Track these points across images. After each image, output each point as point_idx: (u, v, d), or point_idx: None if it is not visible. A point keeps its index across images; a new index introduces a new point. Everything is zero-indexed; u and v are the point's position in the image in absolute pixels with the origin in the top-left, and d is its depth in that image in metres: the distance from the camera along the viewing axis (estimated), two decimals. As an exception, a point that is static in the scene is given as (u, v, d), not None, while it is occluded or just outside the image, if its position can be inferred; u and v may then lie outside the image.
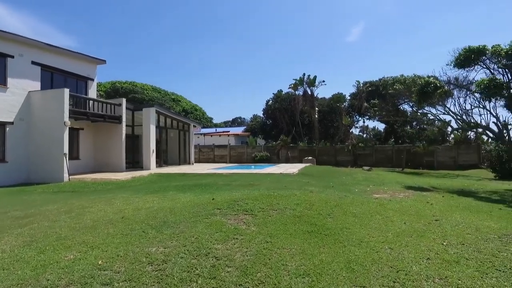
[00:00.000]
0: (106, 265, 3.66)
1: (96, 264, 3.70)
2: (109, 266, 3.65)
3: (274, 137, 34.83)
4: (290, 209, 6.24)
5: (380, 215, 6.16)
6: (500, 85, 10.88)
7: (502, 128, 19.93)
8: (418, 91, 13.46)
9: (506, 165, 16.97)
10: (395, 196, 8.97)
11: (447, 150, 25.39)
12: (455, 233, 4.99)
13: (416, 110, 26.22)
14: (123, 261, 3.77)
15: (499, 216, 6.43)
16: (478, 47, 11.83)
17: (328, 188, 9.98)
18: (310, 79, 32.68)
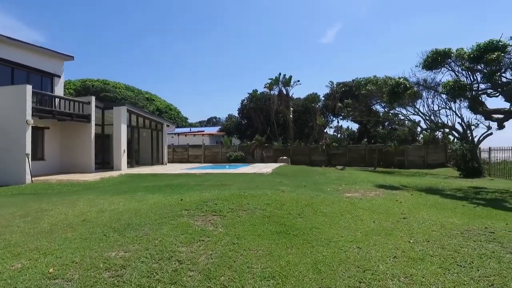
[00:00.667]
0: (57, 273, 3.40)
1: (46, 272, 3.43)
2: (61, 274, 3.39)
3: (249, 137, 34.75)
4: (260, 209, 6.14)
5: (350, 214, 6.17)
6: (464, 86, 11.28)
7: (466, 128, 20.84)
8: (389, 92, 13.77)
9: (469, 163, 17.65)
10: (366, 195, 9.06)
11: (417, 150, 26.20)
12: (421, 231, 5.05)
13: (388, 110, 26.91)
14: (77, 267, 3.52)
15: (462, 213, 6.61)
16: (444, 50, 12.22)
17: (301, 187, 9.97)
18: (286, 79, 32.85)
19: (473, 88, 12.02)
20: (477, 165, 17.81)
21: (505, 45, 10.59)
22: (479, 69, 11.47)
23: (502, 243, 4.44)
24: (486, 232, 4.98)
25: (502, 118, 12.25)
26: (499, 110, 12.26)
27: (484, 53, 10.55)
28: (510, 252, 4.11)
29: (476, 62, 11.01)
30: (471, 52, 11.13)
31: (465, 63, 11.54)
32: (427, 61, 12.67)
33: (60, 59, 18.52)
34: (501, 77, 11.37)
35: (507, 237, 4.71)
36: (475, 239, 4.60)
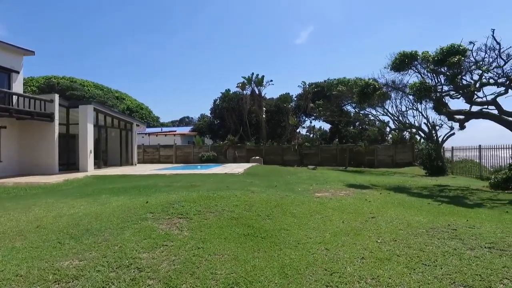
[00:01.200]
0: (-3, 288, 3.08)
1: (-16, 288, 3.11)
2: (2, 289, 3.08)
3: (222, 137, 34.46)
4: (228, 211, 5.98)
5: (320, 214, 6.14)
6: (429, 88, 11.65)
7: (431, 128, 21.67)
8: (358, 92, 14.01)
9: (434, 162, 18.36)
10: (336, 194, 9.13)
11: (386, 149, 26.95)
12: (389, 230, 5.09)
13: (358, 111, 27.53)
14: (22, 281, 3.22)
15: (427, 211, 6.77)
16: (411, 53, 12.58)
17: (271, 187, 9.91)
18: (258, 79, 32.82)
19: (438, 90, 12.45)
20: (441, 164, 18.55)
21: (465, 49, 11.04)
22: (442, 72, 11.88)
23: (463, 240, 4.54)
24: (449, 229, 5.09)
25: (463, 118, 12.78)
26: (460, 111, 12.77)
27: (447, 56, 10.95)
28: (470, 248, 4.20)
29: (439, 65, 11.40)
30: (435, 55, 11.51)
31: (430, 65, 11.92)
32: (395, 63, 12.99)
33: (18, 53, 17.41)
34: (462, 80, 11.84)
35: (467, 234, 4.83)
36: (439, 237, 4.68)
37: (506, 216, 6.43)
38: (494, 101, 11.40)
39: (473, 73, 11.77)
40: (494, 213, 6.74)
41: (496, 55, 10.91)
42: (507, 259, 3.82)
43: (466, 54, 10.98)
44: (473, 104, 11.92)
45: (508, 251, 4.10)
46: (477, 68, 11.31)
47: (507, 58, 10.82)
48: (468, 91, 11.39)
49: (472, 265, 3.66)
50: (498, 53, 10.89)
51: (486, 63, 11.20)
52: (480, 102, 11.79)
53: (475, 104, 11.91)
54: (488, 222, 5.75)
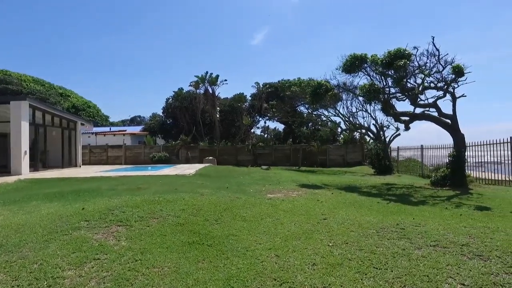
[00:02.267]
0: None
1: None
2: None
3: (174, 137, 33.43)
4: (173, 216, 5.56)
5: (271, 217, 5.93)
6: (378, 90, 12.06)
7: (379, 129, 22.73)
8: (311, 93, 14.17)
9: (382, 162, 19.20)
10: (288, 195, 9.03)
11: (338, 149, 27.81)
12: (340, 232, 5.00)
13: (311, 111, 28.12)
14: None
15: (377, 210, 6.87)
16: (361, 55, 12.95)
17: (223, 189, 9.58)
18: (212, 78, 32.28)
19: (385, 92, 12.94)
20: (388, 163, 19.45)
21: (409, 54, 11.58)
22: (390, 75, 12.37)
23: (411, 239, 4.57)
24: (397, 228, 5.13)
25: (408, 120, 13.43)
26: (405, 112, 13.41)
27: (394, 59, 11.40)
28: (417, 247, 4.23)
29: (387, 68, 11.85)
30: (383, 58, 11.95)
31: (379, 68, 12.35)
32: (346, 64, 13.29)
33: None
34: (407, 83, 12.42)
35: (414, 232, 4.90)
36: (388, 237, 4.67)
37: (446, 213, 6.71)
38: (434, 104, 12.07)
39: (417, 77, 12.40)
40: (435, 210, 7.01)
41: (436, 61, 11.57)
42: (450, 257, 3.88)
43: (410, 59, 11.52)
44: (417, 106, 12.55)
45: (450, 248, 4.17)
46: (420, 72, 11.91)
47: (445, 64, 11.53)
48: (413, 94, 11.96)
49: (420, 265, 3.64)
50: (437, 59, 11.56)
51: (427, 68, 11.84)
52: (423, 105, 12.44)
53: (418, 106, 12.54)
54: (431, 219, 5.93)
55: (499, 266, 3.62)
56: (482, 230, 5.05)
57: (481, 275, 3.40)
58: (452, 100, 11.62)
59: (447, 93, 11.72)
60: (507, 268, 3.58)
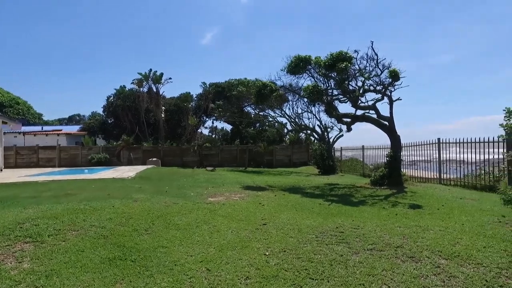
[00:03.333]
0: None
1: None
2: None
3: (116, 137, 31.51)
4: (98, 227, 4.93)
5: (208, 224, 5.54)
6: (321, 91, 12.23)
7: (324, 130, 23.38)
8: (256, 93, 14.01)
9: (326, 162, 19.71)
10: (230, 198, 8.70)
11: (284, 150, 28.14)
12: (279, 238, 4.77)
13: (258, 112, 28.14)
14: None
15: (318, 212, 6.80)
16: (305, 57, 13.05)
17: (161, 193, 8.97)
18: (156, 76, 30.86)
19: (328, 94, 13.18)
20: (332, 163, 20.01)
21: (350, 57, 11.90)
22: (332, 77, 12.62)
23: (349, 243, 4.48)
24: (337, 232, 5.04)
25: (350, 121, 13.84)
26: (347, 114, 13.79)
27: (336, 62, 11.62)
28: (355, 252, 4.13)
29: (330, 70, 12.06)
30: (326, 61, 12.13)
31: (322, 70, 12.52)
32: (290, 66, 13.31)
33: None
34: (349, 85, 12.76)
35: (353, 235, 4.84)
36: (327, 242, 4.54)
37: (383, 212, 6.86)
38: (374, 106, 12.53)
39: (358, 79, 12.78)
40: (374, 210, 7.14)
41: (375, 65, 12.01)
42: (385, 261, 3.82)
43: (352, 61, 11.82)
44: (358, 108, 12.94)
45: (385, 251, 4.14)
46: (360, 75, 12.29)
47: (383, 68, 12.01)
48: (354, 96, 12.29)
49: (357, 273, 3.51)
50: (376, 63, 12.00)
51: (367, 71, 12.25)
52: (363, 107, 12.86)
53: (359, 108, 12.94)
54: (370, 220, 5.97)
55: (428, 267, 3.64)
56: (415, 230, 5.16)
57: (412, 279, 3.36)
58: (389, 103, 12.13)
59: (385, 96, 12.23)
60: (435, 269, 3.60)
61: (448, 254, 4.01)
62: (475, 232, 5.01)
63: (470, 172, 11.96)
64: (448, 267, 3.62)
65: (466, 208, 7.25)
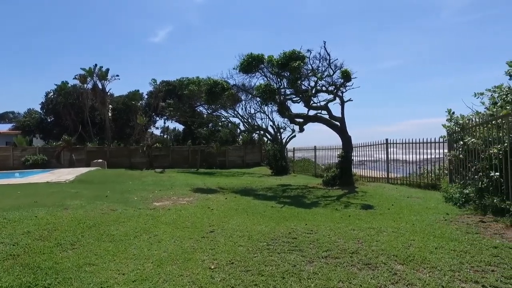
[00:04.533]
0: None
1: None
2: None
3: (57, 137, 28.97)
4: (8, 244, 4.13)
5: (148, 233, 4.92)
6: (274, 90, 11.99)
7: (277, 131, 23.38)
8: (207, 91, 13.42)
9: (279, 162, 19.66)
10: (178, 202, 8.07)
11: (237, 150, 27.74)
12: (227, 248, 4.31)
13: (211, 112, 27.45)
14: None
15: (270, 216, 6.44)
16: (258, 55, 12.74)
17: (101, 199, 8.08)
18: (102, 72, 28.86)
19: (281, 93, 13.00)
20: (285, 163, 20.01)
21: (303, 56, 11.80)
22: (285, 76, 12.44)
23: (303, 250, 4.17)
24: (290, 238, 4.71)
25: (302, 122, 13.80)
26: (300, 114, 13.74)
27: (289, 60, 11.45)
28: (308, 261, 3.81)
29: (283, 69, 11.86)
30: (279, 59, 11.92)
31: (275, 69, 12.30)
32: (243, 64, 12.92)
33: None
34: (301, 85, 12.69)
35: (307, 241, 4.54)
36: (279, 250, 4.17)
37: (336, 214, 6.69)
38: (326, 107, 12.58)
39: (310, 79, 12.77)
40: (327, 212, 6.96)
41: (327, 65, 12.05)
42: (341, 270, 3.54)
43: (304, 61, 11.72)
44: (311, 108, 12.92)
45: (341, 259, 3.88)
46: (313, 75, 12.26)
47: (335, 68, 12.09)
48: (306, 96, 12.23)
49: (311, 286, 3.16)
50: (328, 63, 12.05)
51: (320, 71, 12.25)
52: (316, 107, 12.87)
53: (312, 108, 12.92)
54: (323, 223, 5.74)
55: (386, 275, 3.41)
56: (368, 232, 5.00)
57: (371, 291, 3.08)
58: (341, 103, 12.24)
59: (337, 96, 12.32)
60: (392, 276, 3.38)
61: (403, 258, 3.84)
62: (425, 232, 4.97)
63: (414, 171, 12.47)
64: (405, 274, 3.42)
65: (414, 207, 7.35)
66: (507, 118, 5.54)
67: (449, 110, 8.00)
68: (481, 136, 6.53)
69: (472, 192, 6.52)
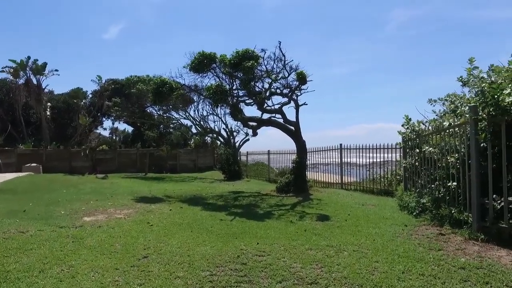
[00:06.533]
0: None
1: None
2: None
3: (-19, 138, 25.60)
4: None
5: (62, 264, 3.92)
6: (225, 91, 11.25)
7: (230, 134, 22.64)
8: (153, 90, 12.30)
9: (232, 167, 18.92)
10: (113, 216, 7.00)
11: (188, 154, 26.50)
12: (160, 282, 3.48)
13: (162, 113, 25.95)
14: None
15: (218, 233, 5.66)
16: (210, 54, 11.91)
17: (15, 214, 6.76)
18: (38, 65, 25.94)
19: (234, 95, 12.29)
20: (238, 168, 19.31)
21: (257, 56, 11.19)
22: (238, 76, 11.76)
23: (253, 282, 3.48)
24: (238, 263, 4.00)
25: (256, 125, 13.19)
26: (253, 118, 13.12)
27: (242, 60, 10.77)
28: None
29: (235, 69, 11.16)
30: (231, 58, 11.21)
31: (227, 68, 11.56)
32: (194, 63, 12.01)
33: None
34: (255, 86, 12.09)
35: (258, 267, 3.88)
36: (225, 283, 3.45)
37: (291, 228, 6.09)
38: (280, 110, 12.10)
39: (264, 81, 12.21)
40: (281, 226, 6.34)
41: (282, 66, 11.57)
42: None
43: (258, 61, 11.12)
44: (264, 111, 12.37)
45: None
46: (267, 76, 11.71)
47: (290, 70, 11.66)
48: (260, 98, 11.64)
49: None
50: (283, 64, 11.58)
51: (274, 73, 11.74)
52: (270, 110, 12.34)
53: (265, 111, 12.38)
54: (277, 240, 5.12)
55: (352, 313, 2.81)
56: (327, 252, 4.45)
57: None
58: (296, 107, 11.83)
59: (291, 100, 11.89)
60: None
61: None
62: (388, 250, 4.52)
63: (367, 176, 12.45)
64: (374, 312, 2.85)
65: (370, 216, 7.03)
66: (464, 126, 5.33)
67: (406, 117, 7.82)
68: (436, 144, 6.34)
69: (429, 202, 6.29)
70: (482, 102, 4.91)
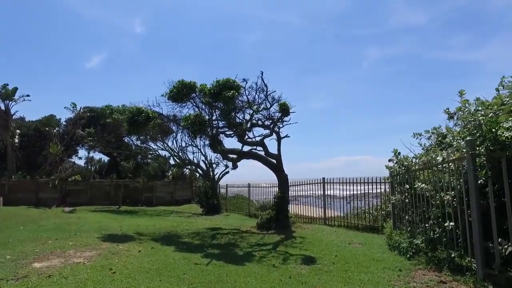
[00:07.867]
0: None
1: None
2: None
3: None
4: None
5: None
6: (204, 122, 10.77)
7: (209, 166, 21.89)
8: (128, 120, 11.64)
9: (211, 200, 18.07)
10: (71, 261, 6.10)
11: (166, 186, 25.42)
12: None
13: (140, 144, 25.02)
14: None
15: (190, 282, 4.90)
16: (190, 83, 11.51)
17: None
18: (7, 90, 24.72)
19: (213, 125, 11.80)
20: (217, 201, 18.47)
21: (238, 86, 10.85)
22: (218, 107, 11.33)
23: None
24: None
25: (236, 158, 12.65)
26: (233, 150, 12.61)
27: (222, 89, 10.39)
28: None
29: (215, 98, 10.74)
30: (212, 88, 10.83)
31: (207, 98, 11.13)
32: (173, 91, 11.55)
33: None
34: (235, 117, 11.67)
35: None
36: None
37: (274, 275, 5.40)
38: (262, 142, 11.66)
39: (246, 112, 11.82)
40: (263, 271, 5.63)
41: (264, 97, 11.27)
42: None
43: (239, 91, 10.78)
44: (245, 143, 11.89)
45: None
46: (249, 107, 11.33)
47: (273, 101, 11.36)
48: (240, 130, 11.18)
49: None
50: (265, 95, 11.28)
51: (256, 103, 11.40)
52: (251, 142, 11.88)
53: (246, 144, 11.90)
54: (259, 290, 4.42)
55: None
56: (317, 307, 3.79)
57: None
58: (278, 139, 11.44)
59: (273, 132, 11.52)
60: None
61: None
62: (385, 304, 3.93)
63: (351, 210, 11.97)
64: None
65: (359, 258, 6.44)
66: (460, 161, 4.97)
67: (395, 151, 7.49)
68: (428, 179, 5.95)
69: (423, 243, 5.79)
70: (479, 136, 4.58)
